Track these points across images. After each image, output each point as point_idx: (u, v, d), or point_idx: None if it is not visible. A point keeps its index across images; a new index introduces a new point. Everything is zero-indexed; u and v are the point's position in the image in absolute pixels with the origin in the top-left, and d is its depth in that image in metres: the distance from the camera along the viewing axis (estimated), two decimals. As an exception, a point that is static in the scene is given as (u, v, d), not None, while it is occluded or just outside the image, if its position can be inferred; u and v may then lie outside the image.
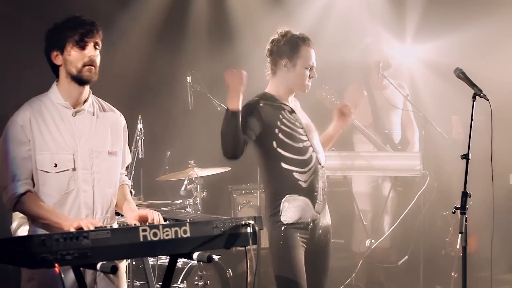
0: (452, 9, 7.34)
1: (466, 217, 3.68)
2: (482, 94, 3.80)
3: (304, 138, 3.99)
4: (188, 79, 5.88)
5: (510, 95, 6.80)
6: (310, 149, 3.98)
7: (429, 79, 7.64)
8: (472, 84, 3.86)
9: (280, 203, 3.93)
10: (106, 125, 3.49)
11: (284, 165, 3.93)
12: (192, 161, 5.96)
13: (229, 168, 5.93)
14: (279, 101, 4.02)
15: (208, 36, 7.34)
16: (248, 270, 3.43)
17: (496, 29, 7.10)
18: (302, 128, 4.01)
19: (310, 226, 3.97)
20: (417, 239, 6.53)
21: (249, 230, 3.12)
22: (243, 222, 3.13)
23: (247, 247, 3.15)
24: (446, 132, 6.61)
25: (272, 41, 4.05)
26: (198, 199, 5.83)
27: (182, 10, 7.27)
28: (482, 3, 7.16)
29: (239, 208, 6.64)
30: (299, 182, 3.92)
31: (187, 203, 5.80)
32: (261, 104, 3.96)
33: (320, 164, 4.01)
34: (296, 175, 3.92)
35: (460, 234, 3.68)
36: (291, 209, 3.90)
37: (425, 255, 6.49)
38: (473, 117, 3.75)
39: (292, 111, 4.03)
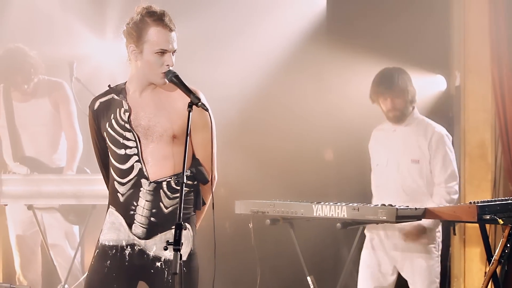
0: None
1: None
2: (200, 104, 3.20)
3: (131, 144, 3.37)
4: None
5: (228, 101, 6.25)
6: (135, 158, 3.37)
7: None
8: (188, 91, 3.22)
9: (106, 215, 3.46)
10: None
11: (111, 171, 3.44)
12: None
13: None
14: (123, 96, 3.43)
15: None
16: None
17: (210, 26, 6.55)
18: (130, 131, 3.37)
19: (126, 252, 3.38)
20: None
21: None
22: None
23: None
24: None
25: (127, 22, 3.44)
26: None
27: None
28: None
29: None
30: (118, 194, 3.40)
31: None
32: (96, 106, 3.48)
33: (147, 179, 3.36)
34: (116, 184, 3.41)
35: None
36: (107, 225, 3.43)
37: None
38: (189, 131, 3.17)
39: (127, 110, 3.40)
